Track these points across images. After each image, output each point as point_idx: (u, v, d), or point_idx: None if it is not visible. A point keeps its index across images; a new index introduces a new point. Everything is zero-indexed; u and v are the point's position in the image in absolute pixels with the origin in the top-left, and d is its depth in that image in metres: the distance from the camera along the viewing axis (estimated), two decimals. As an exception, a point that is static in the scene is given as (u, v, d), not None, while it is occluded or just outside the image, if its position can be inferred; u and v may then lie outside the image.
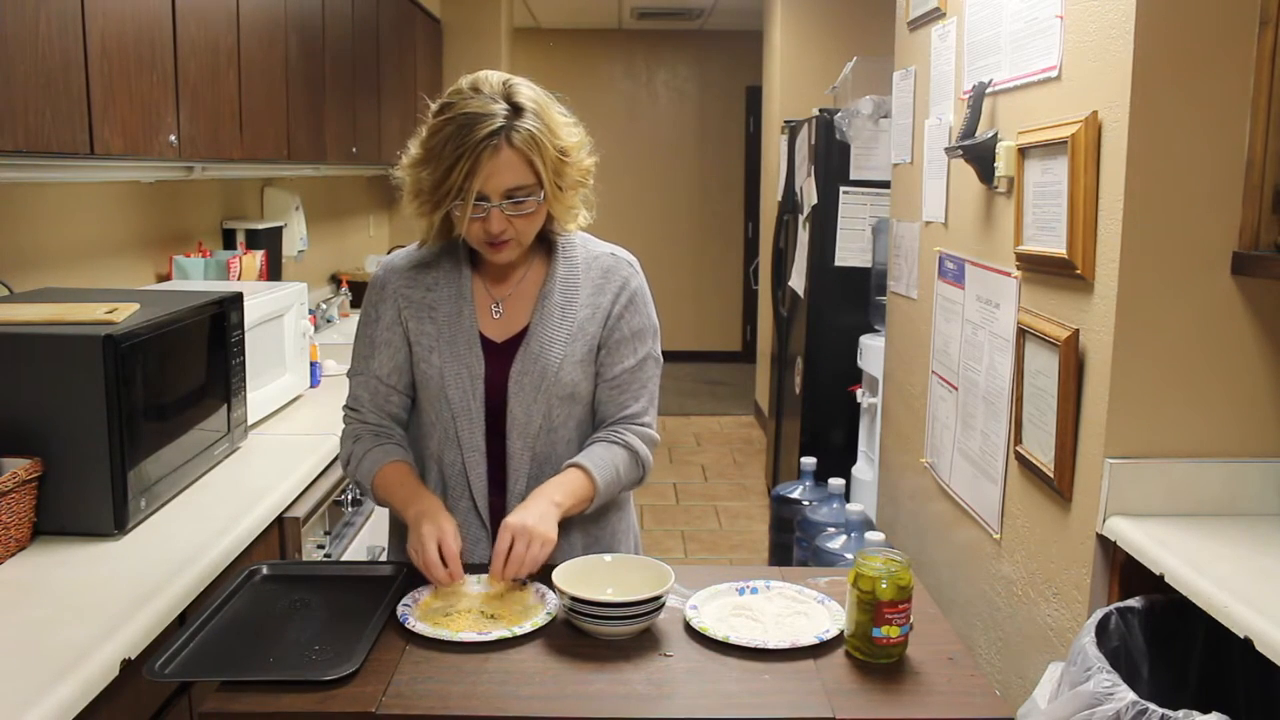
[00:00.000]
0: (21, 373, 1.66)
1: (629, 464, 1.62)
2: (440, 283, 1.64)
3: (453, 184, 1.46)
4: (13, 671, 1.25)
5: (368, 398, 1.66)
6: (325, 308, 4.06)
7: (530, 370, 1.59)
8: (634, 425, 1.64)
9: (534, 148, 1.47)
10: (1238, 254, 1.68)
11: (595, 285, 1.63)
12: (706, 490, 5.30)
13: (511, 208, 1.50)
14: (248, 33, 2.61)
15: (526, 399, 1.59)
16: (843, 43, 5.36)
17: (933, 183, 2.67)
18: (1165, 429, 1.73)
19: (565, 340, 1.60)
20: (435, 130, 1.49)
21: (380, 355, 1.64)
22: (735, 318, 8.56)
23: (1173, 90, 1.66)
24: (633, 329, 1.63)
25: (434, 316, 1.62)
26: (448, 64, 5.59)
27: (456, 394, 1.59)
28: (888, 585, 1.30)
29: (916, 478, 2.82)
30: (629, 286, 1.64)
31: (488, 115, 1.45)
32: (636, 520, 1.81)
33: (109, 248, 2.59)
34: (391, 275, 1.67)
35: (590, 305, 1.62)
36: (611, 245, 1.70)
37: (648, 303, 1.67)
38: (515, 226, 1.52)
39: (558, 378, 1.59)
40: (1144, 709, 1.32)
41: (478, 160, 1.44)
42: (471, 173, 1.45)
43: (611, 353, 1.62)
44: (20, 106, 1.65)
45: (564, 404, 1.61)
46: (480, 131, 1.44)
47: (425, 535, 1.45)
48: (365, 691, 1.23)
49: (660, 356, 1.69)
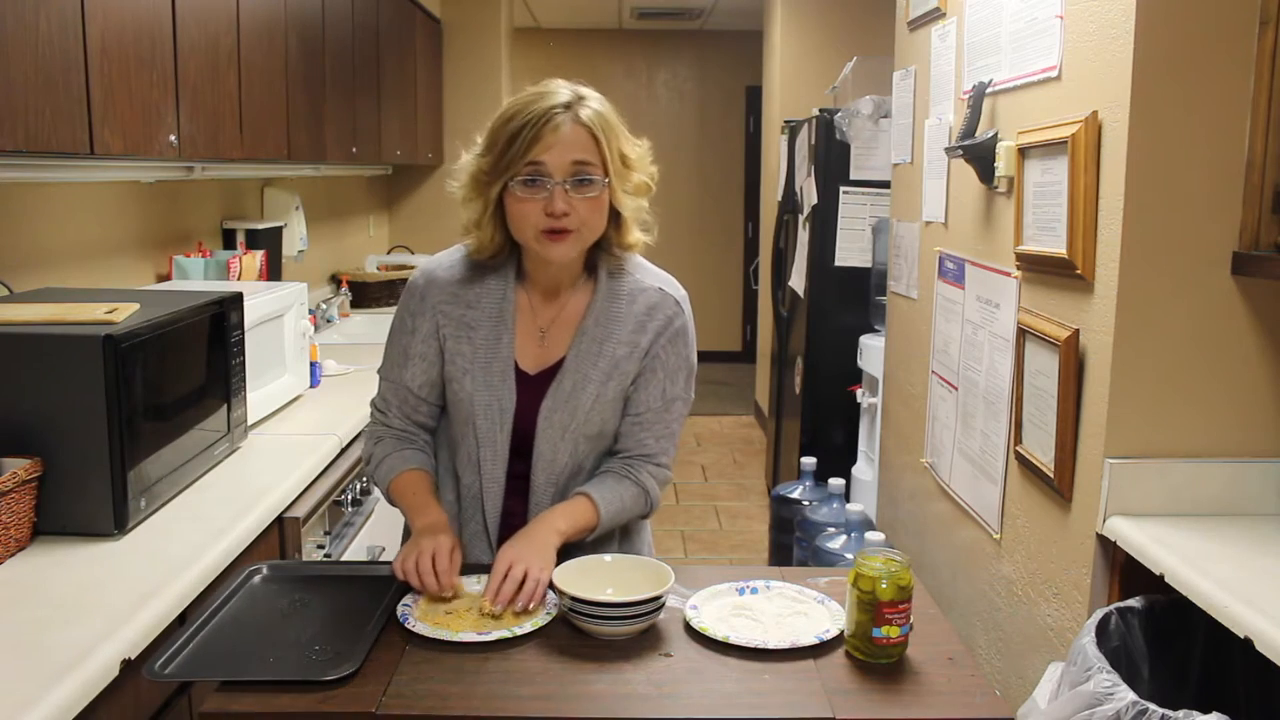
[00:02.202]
0: (21, 373, 1.66)
1: (636, 500, 1.60)
2: (483, 301, 1.57)
3: (513, 154, 1.43)
4: (13, 671, 1.25)
5: (396, 403, 1.64)
6: (325, 308, 4.06)
7: (560, 408, 1.56)
8: (650, 464, 1.61)
9: (601, 126, 1.45)
10: (1238, 254, 1.68)
11: (638, 322, 1.57)
12: (706, 490, 5.30)
13: (575, 189, 1.45)
14: (248, 33, 2.61)
15: (554, 436, 1.56)
16: (843, 43, 5.36)
17: (933, 183, 2.67)
18: (1165, 429, 1.73)
19: (599, 380, 1.56)
20: (499, 118, 1.48)
21: (413, 367, 1.60)
22: (735, 318, 8.56)
23: (1173, 90, 1.66)
24: (668, 370, 1.58)
25: (471, 338, 1.57)
26: (448, 64, 5.59)
27: (484, 424, 1.57)
28: (888, 585, 1.30)
29: (916, 478, 2.82)
30: (672, 326, 1.58)
31: (552, 94, 1.46)
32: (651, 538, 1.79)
33: (109, 248, 2.59)
34: (432, 288, 1.59)
35: (629, 343, 1.56)
36: (664, 277, 1.63)
37: (689, 344, 1.61)
38: (579, 213, 1.46)
39: (588, 417, 1.56)
40: (1144, 709, 1.32)
41: (540, 130, 1.42)
42: (535, 140, 1.42)
43: (641, 389, 1.58)
44: (20, 106, 1.65)
45: (591, 442, 1.59)
46: (545, 104, 1.44)
47: (423, 548, 1.45)
48: (365, 691, 1.23)
49: (690, 397, 1.64)
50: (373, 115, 4.01)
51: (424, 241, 5.44)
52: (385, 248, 5.52)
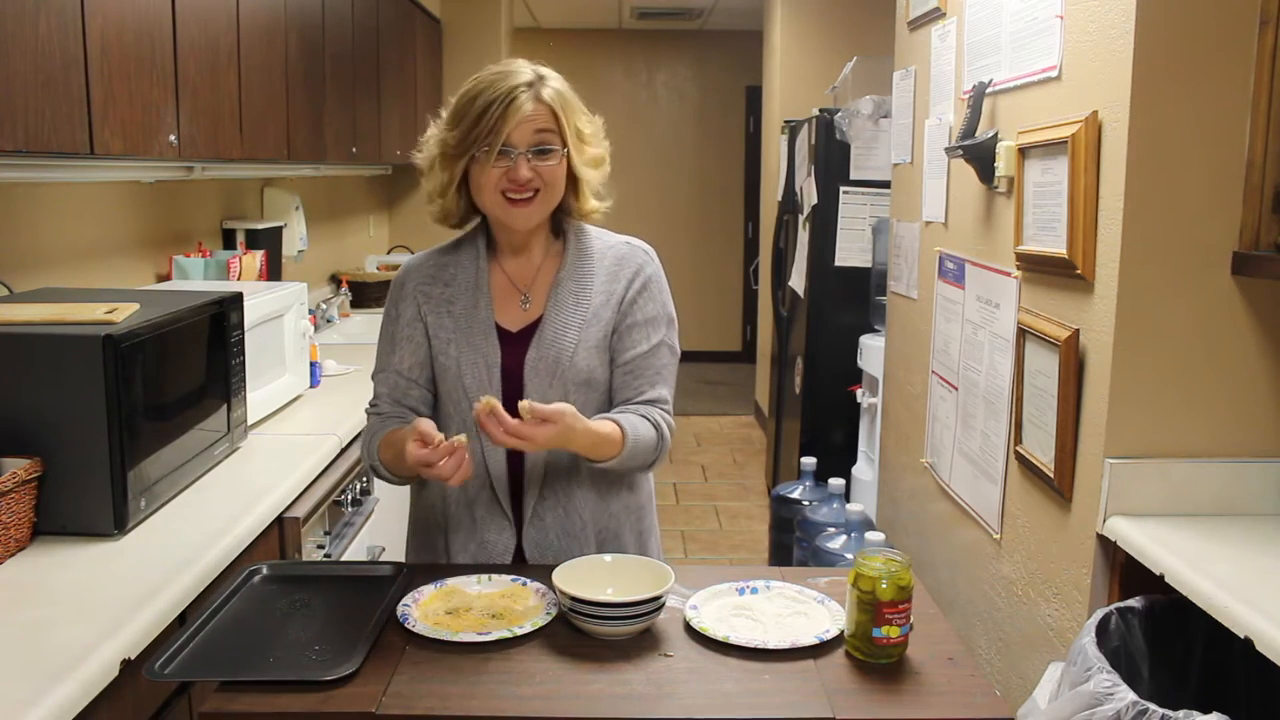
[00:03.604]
0: (21, 373, 1.66)
1: (650, 434, 1.60)
2: (458, 277, 1.66)
3: (481, 130, 1.51)
4: (13, 671, 1.25)
5: (386, 392, 1.67)
6: (325, 308, 4.06)
7: (545, 356, 1.60)
8: (658, 408, 1.64)
9: (560, 104, 1.55)
10: (1238, 254, 1.68)
11: (609, 272, 1.65)
12: (706, 490, 5.30)
13: (537, 157, 1.54)
14: (248, 32, 2.61)
15: (542, 384, 1.60)
16: (843, 43, 5.36)
17: (933, 183, 2.67)
18: (1165, 429, 1.73)
19: (579, 326, 1.61)
20: (464, 94, 1.56)
21: (401, 350, 1.66)
22: (735, 318, 8.56)
23: (1173, 90, 1.66)
24: (646, 315, 1.64)
25: (451, 310, 1.64)
26: (448, 64, 5.59)
27: (473, 382, 1.61)
28: (888, 585, 1.30)
29: (916, 478, 2.82)
30: (644, 273, 1.66)
31: (516, 73, 1.55)
32: (657, 520, 1.80)
33: (109, 248, 2.59)
34: (410, 274, 1.69)
35: (605, 291, 1.63)
36: (627, 236, 1.72)
37: (663, 290, 1.68)
38: (541, 176, 1.55)
39: (573, 363, 1.60)
40: (1144, 709, 1.32)
41: (507, 107, 1.51)
42: (502, 117, 1.50)
43: (624, 338, 1.63)
44: (20, 106, 1.65)
45: (580, 390, 1.62)
46: (510, 82, 1.53)
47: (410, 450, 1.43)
48: (365, 691, 1.23)
49: (676, 346, 1.69)
50: (373, 115, 4.01)
51: (424, 241, 5.40)
52: (385, 248, 5.52)
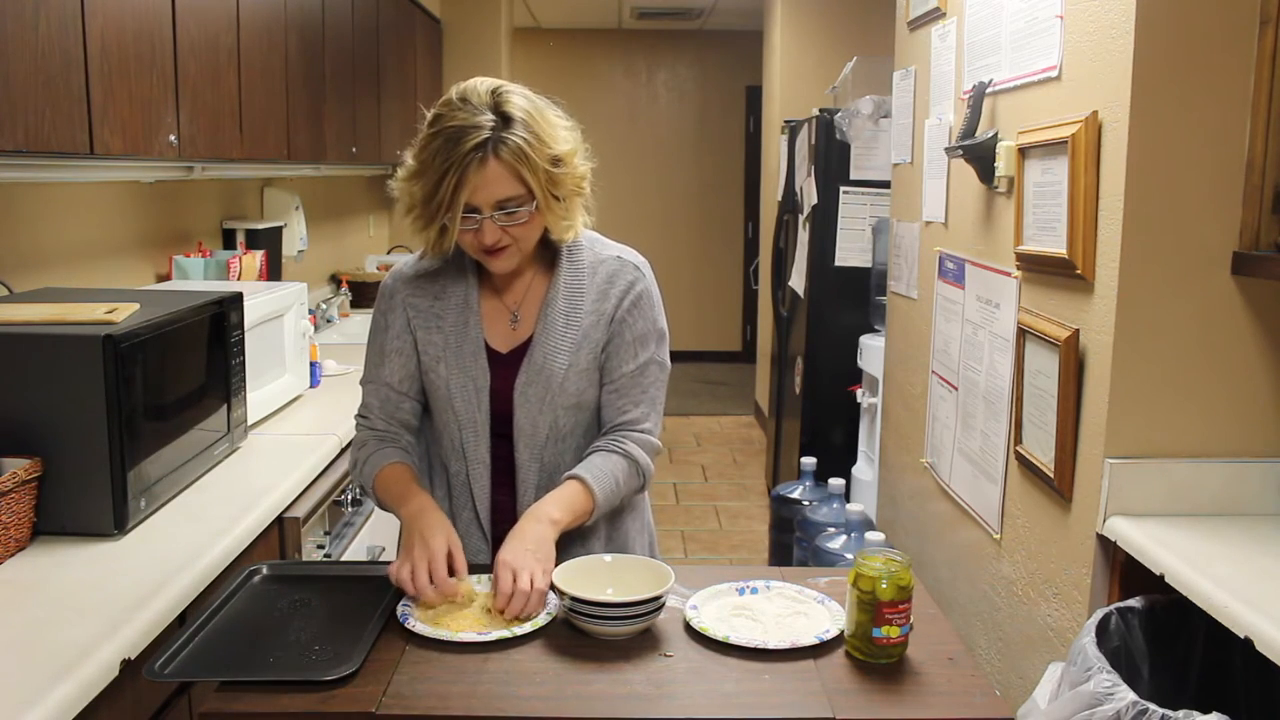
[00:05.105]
0: (21, 373, 1.66)
1: (628, 473, 1.59)
2: (447, 291, 1.62)
3: (442, 198, 1.45)
4: (13, 671, 1.25)
5: (377, 405, 1.66)
6: (325, 308, 4.06)
7: (535, 381, 1.58)
8: (633, 432, 1.61)
9: (522, 160, 1.45)
10: (1238, 254, 1.68)
11: (600, 290, 1.60)
12: (706, 490, 5.30)
13: (504, 218, 1.48)
14: (248, 33, 2.61)
15: (532, 410, 1.58)
16: (843, 43, 5.36)
17: (933, 183, 2.67)
18: (1165, 429, 1.73)
19: (570, 349, 1.58)
20: (425, 144, 1.48)
21: (391, 363, 1.63)
22: (735, 318, 8.55)
23: (1173, 90, 1.66)
24: (635, 333, 1.61)
25: (441, 326, 1.61)
26: (448, 64, 5.59)
27: (462, 406, 1.59)
28: (888, 585, 1.30)
29: (916, 478, 2.82)
30: (634, 290, 1.61)
31: (474, 128, 1.43)
32: (652, 519, 1.80)
33: (109, 248, 2.59)
34: (399, 284, 1.65)
35: (595, 312, 1.60)
36: (621, 247, 1.67)
37: (654, 306, 1.64)
38: (511, 235, 1.50)
39: (563, 388, 1.58)
40: (1144, 709, 1.32)
41: (464, 174, 1.43)
42: (459, 185, 1.44)
43: (612, 356, 1.61)
44: (20, 106, 1.65)
45: (570, 413, 1.60)
46: (466, 145, 1.43)
47: (416, 557, 1.43)
48: (365, 691, 1.23)
49: (666, 362, 1.66)
50: (373, 115, 4.01)
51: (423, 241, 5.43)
52: (385, 247, 5.52)
